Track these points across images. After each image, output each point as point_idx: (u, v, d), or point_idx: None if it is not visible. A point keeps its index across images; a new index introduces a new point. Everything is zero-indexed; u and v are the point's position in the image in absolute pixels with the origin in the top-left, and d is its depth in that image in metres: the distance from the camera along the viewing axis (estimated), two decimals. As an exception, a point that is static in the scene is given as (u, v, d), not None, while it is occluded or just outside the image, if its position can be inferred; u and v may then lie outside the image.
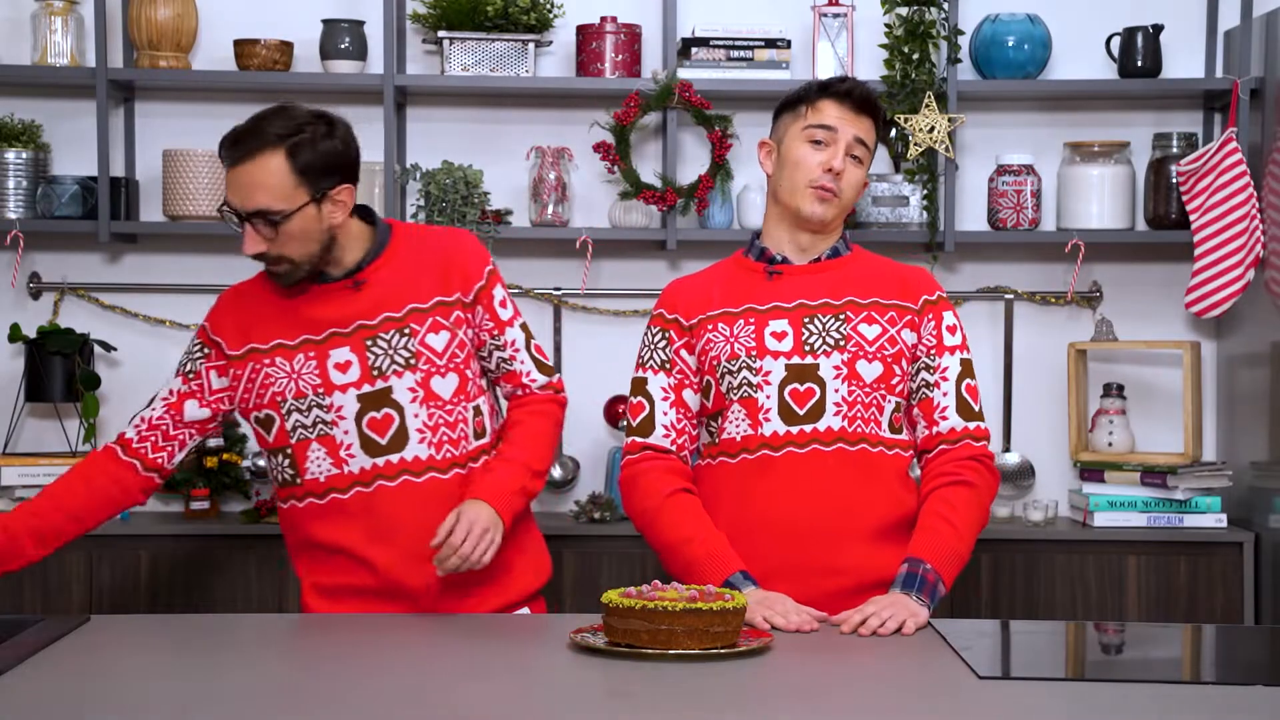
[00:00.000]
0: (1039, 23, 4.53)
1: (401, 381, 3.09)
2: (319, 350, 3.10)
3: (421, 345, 3.11)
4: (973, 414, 3.16)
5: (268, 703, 2.42)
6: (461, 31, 4.47)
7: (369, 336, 3.09)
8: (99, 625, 2.91)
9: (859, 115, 3.16)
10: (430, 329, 3.11)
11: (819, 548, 3.06)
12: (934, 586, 2.98)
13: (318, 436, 3.10)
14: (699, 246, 4.62)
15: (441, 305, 3.14)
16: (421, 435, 3.10)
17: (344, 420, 3.09)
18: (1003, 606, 4.32)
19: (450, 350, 3.14)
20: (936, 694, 2.49)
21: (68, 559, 4.25)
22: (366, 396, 3.09)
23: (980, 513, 3.12)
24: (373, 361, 3.09)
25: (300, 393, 3.10)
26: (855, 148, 3.15)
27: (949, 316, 3.19)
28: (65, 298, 4.61)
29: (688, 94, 4.44)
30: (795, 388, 3.09)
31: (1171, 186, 4.53)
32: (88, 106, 4.50)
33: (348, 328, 3.10)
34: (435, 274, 3.15)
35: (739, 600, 2.66)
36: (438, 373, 3.12)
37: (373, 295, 3.11)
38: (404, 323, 3.10)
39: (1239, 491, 4.47)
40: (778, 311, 3.13)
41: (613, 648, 2.63)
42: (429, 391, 3.11)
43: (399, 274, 3.14)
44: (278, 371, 3.11)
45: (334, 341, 3.10)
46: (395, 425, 3.09)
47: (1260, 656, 2.97)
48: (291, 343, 3.11)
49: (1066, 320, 4.71)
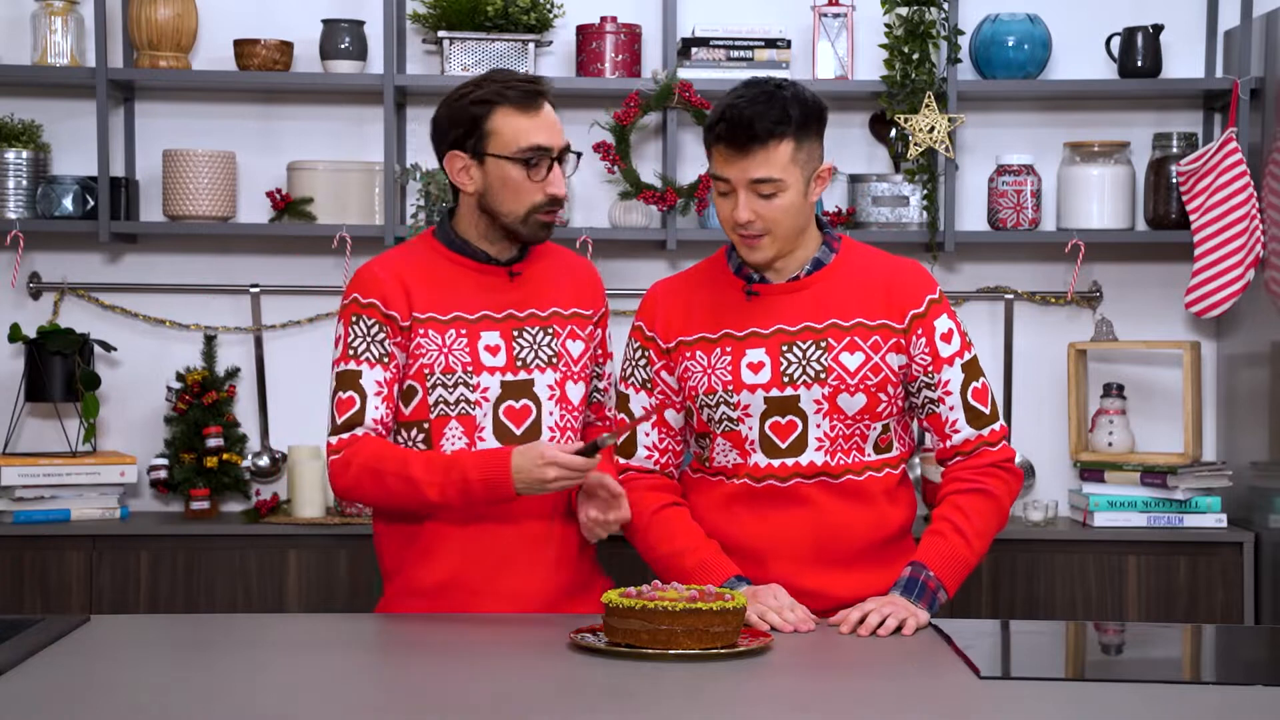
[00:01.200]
0: (1039, 23, 4.53)
1: (543, 377, 3.09)
2: (470, 329, 3.07)
3: (563, 347, 3.12)
4: (984, 419, 3.07)
5: (268, 703, 2.42)
6: (461, 31, 4.47)
7: (517, 327, 3.09)
8: (99, 625, 2.91)
9: (747, 156, 2.92)
10: (569, 335, 3.13)
11: (796, 573, 3.02)
12: (934, 594, 2.96)
13: (458, 414, 3.06)
14: (699, 246, 4.61)
15: (578, 316, 3.15)
16: (552, 435, 3.10)
17: (486, 403, 3.06)
18: (1003, 606, 4.32)
19: (583, 360, 3.15)
20: (936, 694, 2.49)
21: (67, 559, 4.25)
22: (509, 384, 3.07)
23: (995, 520, 3.06)
24: (518, 352, 3.08)
25: (449, 368, 3.06)
26: (757, 188, 2.93)
27: (942, 323, 3.04)
28: (65, 298, 4.61)
29: (688, 94, 4.44)
30: (776, 420, 3.02)
31: (1171, 186, 4.53)
32: (88, 106, 4.50)
33: (500, 313, 3.09)
34: (573, 284, 3.17)
35: (739, 600, 2.66)
36: (572, 378, 3.12)
37: (525, 289, 3.11)
38: (548, 322, 3.11)
39: (1239, 491, 4.47)
40: (755, 339, 3.02)
41: (613, 648, 2.63)
42: (564, 394, 3.11)
43: (547, 275, 3.15)
44: (429, 343, 3.06)
45: (485, 324, 3.08)
46: (532, 418, 3.08)
47: (1260, 656, 2.97)
48: (444, 317, 3.06)
49: (1066, 320, 4.71)
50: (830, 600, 3.00)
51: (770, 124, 2.90)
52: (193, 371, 4.53)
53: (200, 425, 4.47)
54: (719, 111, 2.96)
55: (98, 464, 4.37)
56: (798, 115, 2.92)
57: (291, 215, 4.50)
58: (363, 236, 4.46)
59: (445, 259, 3.11)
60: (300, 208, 4.49)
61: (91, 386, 4.43)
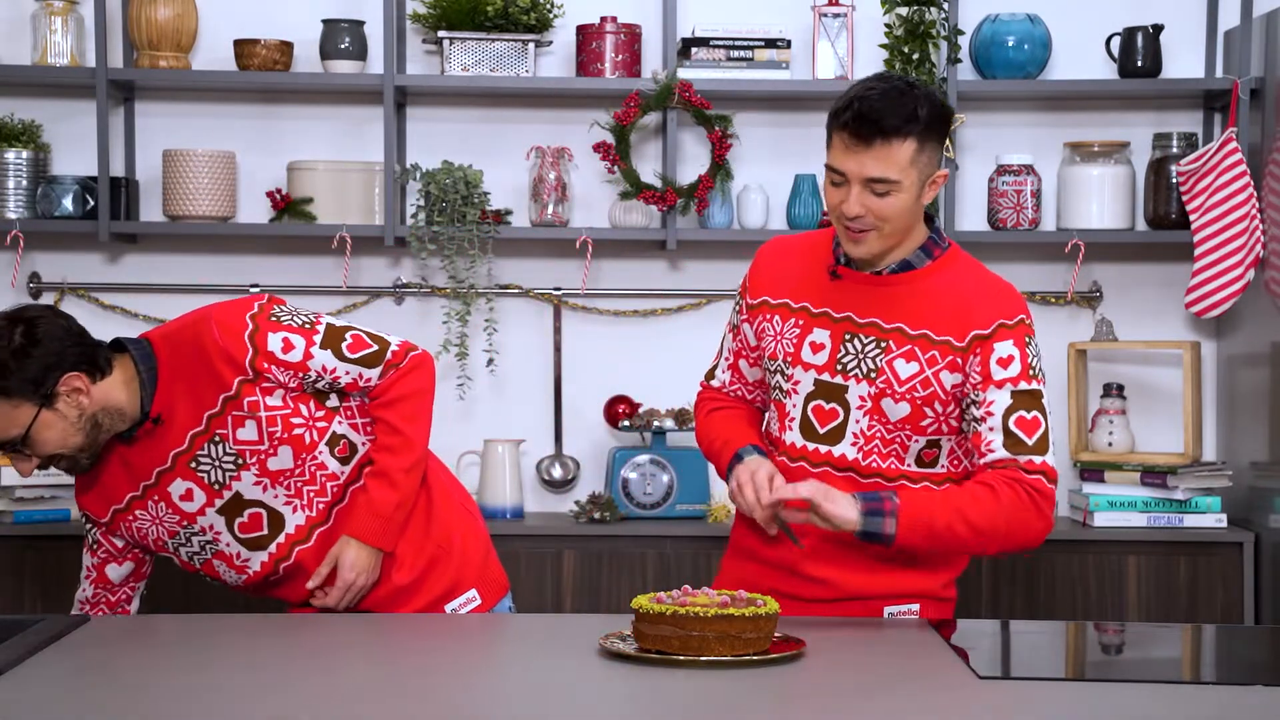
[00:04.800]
0: (1039, 23, 4.53)
1: (243, 481, 3.10)
2: (159, 491, 3.11)
3: (236, 444, 3.08)
4: (1023, 446, 2.89)
5: (268, 703, 2.42)
6: (461, 31, 4.47)
7: (189, 459, 3.09)
8: (99, 625, 2.91)
9: (868, 148, 2.85)
10: (235, 425, 3.07)
11: (810, 559, 3.01)
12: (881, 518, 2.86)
13: (213, 554, 3.16)
14: (699, 246, 4.62)
15: (229, 401, 3.06)
16: (291, 506, 3.13)
17: (222, 534, 3.13)
18: (1003, 606, 4.32)
19: (264, 431, 3.08)
20: (936, 694, 2.49)
21: (67, 559, 4.24)
22: (224, 507, 3.12)
23: (986, 522, 2.87)
24: (208, 478, 3.10)
25: (172, 531, 3.15)
26: (872, 186, 2.86)
27: (1004, 347, 2.91)
28: (65, 298, 4.61)
29: (688, 94, 4.44)
30: (820, 404, 2.98)
31: (1171, 186, 4.53)
32: (88, 106, 4.50)
33: (167, 462, 3.09)
34: (205, 379, 3.06)
35: (771, 606, 2.64)
36: (268, 455, 3.09)
37: (174, 423, 3.07)
38: (210, 433, 3.07)
39: (1239, 491, 4.47)
40: (825, 320, 2.98)
41: (643, 654, 2.61)
42: (272, 474, 3.10)
43: (181, 392, 3.07)
44: (144, 523, 3.15)
45: (165, 479, 3.10)
46: (266, 516, 3.12)
47: (1260, 656, 2.97)
48: (139, 493, 3.13)
49: (1066, 320, 4.71)
50: (842, 591, 2.99)
51: (899, 120, 2.83)
52: (193, 371, 4.53)
53: (200, 425, 4.47)
54: (848, 99, 2.86)
55: (98, 464, 4.37)
56: (926, 115, 2.85)
57: (291, 215, 4.50)
58: (363, 236, 4.47)
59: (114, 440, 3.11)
60: (300, 208, 4.49)
61: (91, 386, 4.43)
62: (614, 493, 4.47)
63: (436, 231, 4.43)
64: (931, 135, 2.89)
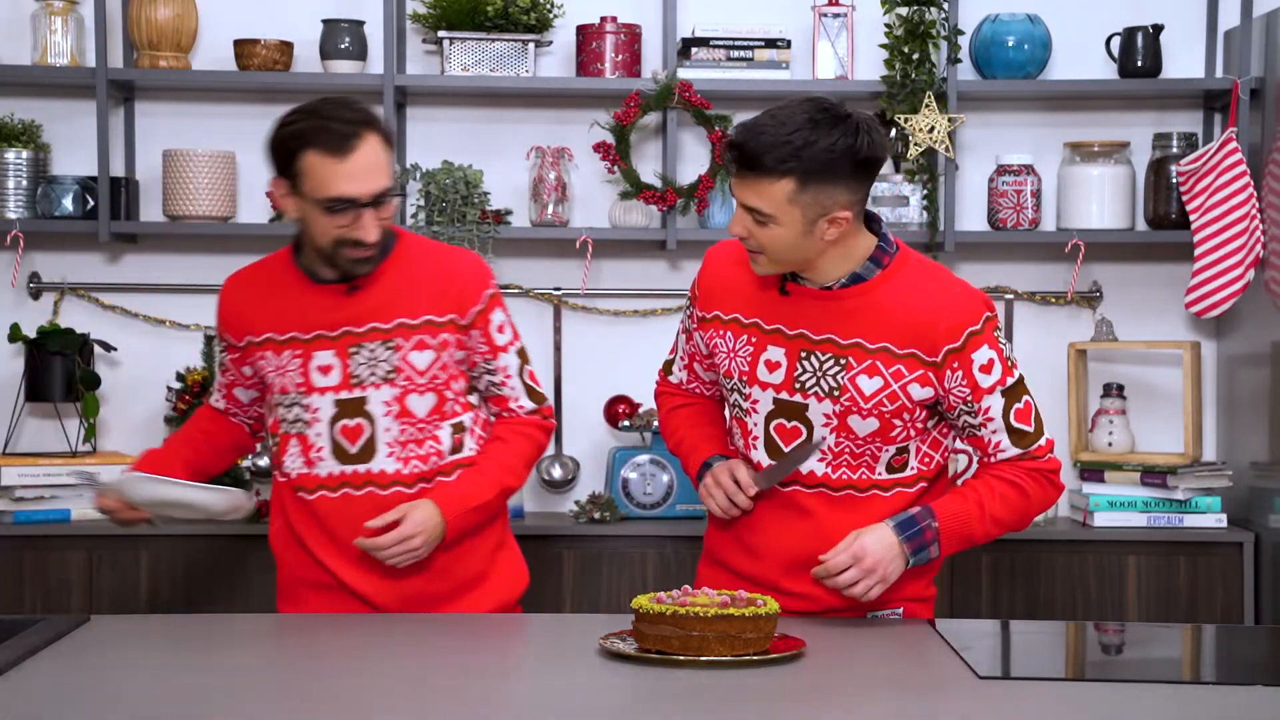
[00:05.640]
0: (1039, 23, 4.53)
1: (378, 394, 3.12)
2: (304, 350, 3.13)
3: (404, 361, 3.12)
4: (1029, 437, 2.95)
5: (269, 703, 2.42)
6: (461, 31, 4.47)
7: (354, 344, 3.12)
8: (99, 625, 2.91)
9: (744, 178, 2.79)
10: (415, 347, 3.12)
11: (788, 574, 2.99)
12: (927, 546, 2.90)
13: (296, 433, 3.16)
14: (699, 246, 4.61)
15: (430, 324, 3.13)
16: (390, 450, 3.13)
17: (319, 422, 3.14)
18: (1003, 606, 4.32)
19: (432, 371, 3.14)
20: (936, 694, 2.49)
21: (67, 559, 4.25)
22: (343, 403, 3.12)
23: (1016, 517, 2.96)
24: (353, 369, 3.12)
25: (284, 389, 3.16)
26: (751, 214, 2.81)
27: (980, 355, 2.88)
28: (65, 298, 4.61)
29: (688, 94, 4.44)
30: (782, 423, 2.96)
31: (1171, 186, 4.53)
32: (88, 106, 4.50)
33: (334, 332, 3.12)
34: (432, 292, 3.14)
35: (771, 606, 2.64)
36: (415, 390, 3.13)
37: (365, 303, 3.12)
38: (390, 335, 3.12)
39: (1239, 491, 4.47)
40: (779, 338, 2.93)
41: (643, 654, 2.61)
42: (404, 408, 3.13)
43: (395, 286, 3.13)
44: (267, 365, 3.17)
45: (319, 344, 3.13)
46: (365, 436, 3.13)
47: (1260, 656, 2.97)
48: (280, 338, 3.15)
49: (1066, 320, 4.71)
50: (822, 603, 2.97)
51: (773, 161, 2.76)
52: (193, 371, 4.53)
53: (200, 425, 4.47)
54: (742, 125, 2.82)
55: (98, 464, 4.36)
56: (807, 161, 2.75)
57: (291, 215, 4.50)
58: (363, 236, 4.46)
59: (292, 275, 3.16)
60: (300, 208, 4.49)
61: (91, 386, 4.43)
62: (614, 493, 4.47)
63: (436, 231, 4.43)
64: (821, 178, 2.76)
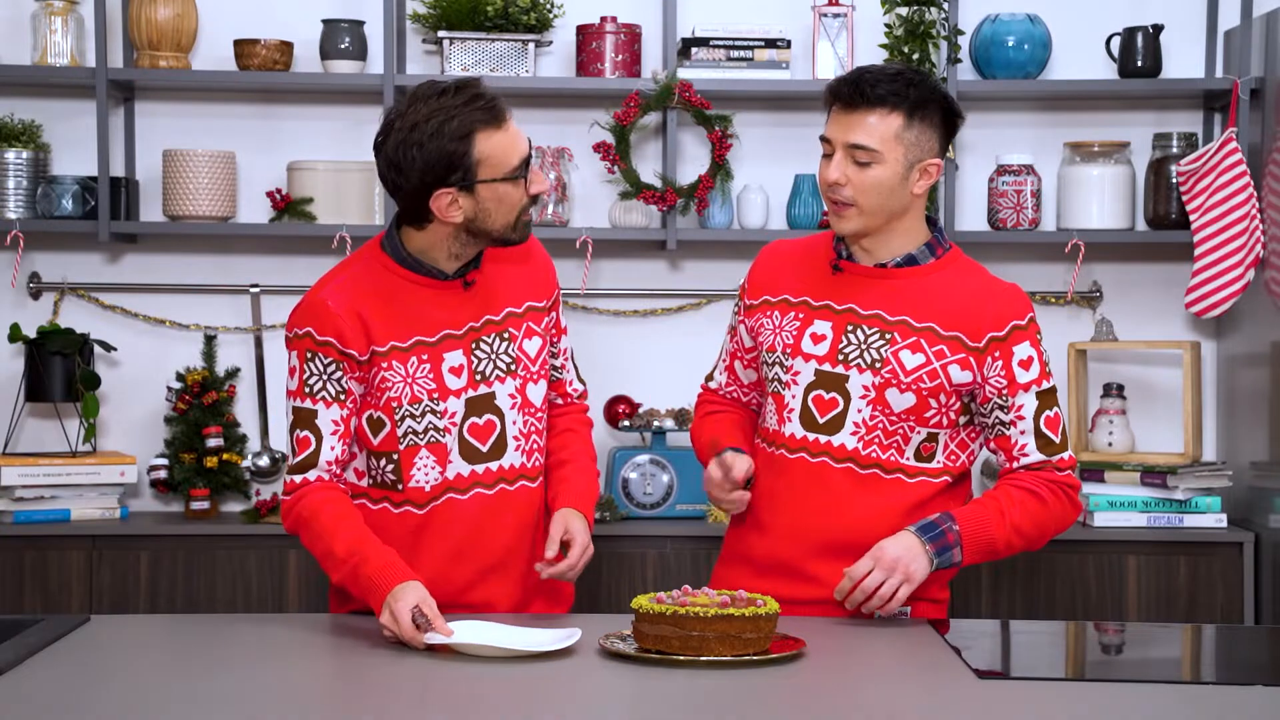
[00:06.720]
0: (1039, 23, 4.53)
1: (503, 387, 3.02)
2: (432, 353, 2.97)
3: (520, 351, 3.04)
4: (1054, 446, 2.98)
5: (269, 703, 2.42)
6: (461, 31, 4.47)
7: (475, 339, 3.00)
8: (99, 625, 2.91)
9: (853, 113, 2.91)
10: (525, 334, 3.05)
11: (804, 556, 3.01)
12: (949, 548, 2.91)
13: (428, 443, 2.98)
14: (699, 247, 4.62)
15: (533, 310, 3.07)
16: (517, 443, 3.05)
17: (454, 426, 2.98)
18: (1003, 606, 4.32)
19: (542, 356, 3.09)
20: (936, 694, 2.49)
21: (67, 559, 4.25)
22: (472, 401, 3.00)
23: (1035, 528, 2.97)
24: (477, 365, 3.00)
25: (415, 397, 2.96)
26: (854, 153, 2.91)
27: (1022, 349, 2.95)
28: (65, 298, 4.61)
29: (688, 94, 4.44)
30: (820, 394, 2.99)
31: (1171, 186, 4.53)
32: (88, 106, 4.50)
33: (460, 329, 2.99)
34: (526, 277, 3.07)
35: (771, 606, 2.64)
36: (532, 379, 3.06)
37: (478, 296, 3.02)
38: (503, 326, 3.02)
39: (1239, 491, 4.47)
40: (827, 312, 3.00)
41: (643, 654, 2.61)
42: (525, 399, 3.05)
43: (496, 275, 3.04)
44: (394, 375, 2.95)
45: (447, 344, 2.98)
46: (496, 432, 3.02)
47: (1260, 656, 2.98)
48: (404, 344, 2.95)
49: (1066, 320, 4.71)
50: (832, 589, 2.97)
51: (886, 91, 2.89)
52: (193, 371, 4.53)
53: (200, 425, 4.47)
54: (839, 77, 2.97)
55: (98, 464, 4.37)
56: (917, 95, 2.90)
57: (291, 215, 4.50)
58: (362, 236, 4.46)
59: (398, 278, 2.98)
60: (300, 208, 4.50)
61: (91, 386, 4.43)
62: (614, 493, 4.47)
63: (436, 231, 4.43)
64: (923, 117, 2.93)
